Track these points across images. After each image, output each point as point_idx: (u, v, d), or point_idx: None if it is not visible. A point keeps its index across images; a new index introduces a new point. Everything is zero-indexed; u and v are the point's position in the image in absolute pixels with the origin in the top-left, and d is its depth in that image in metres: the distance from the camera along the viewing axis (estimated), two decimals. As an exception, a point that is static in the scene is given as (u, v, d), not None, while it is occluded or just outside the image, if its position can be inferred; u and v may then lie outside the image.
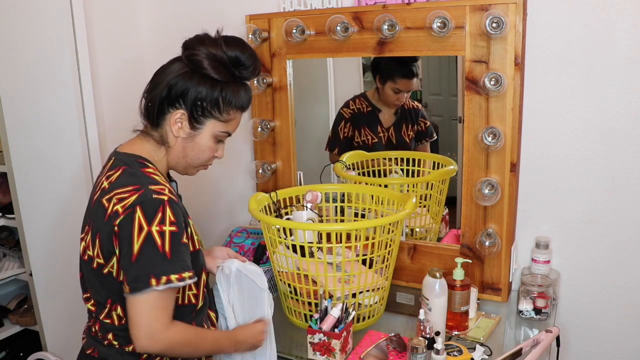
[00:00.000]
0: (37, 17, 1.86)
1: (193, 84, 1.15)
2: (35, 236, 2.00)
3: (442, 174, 1.92)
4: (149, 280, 1.06)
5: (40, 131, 1.94)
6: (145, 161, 1.18)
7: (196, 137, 1.20)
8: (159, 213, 1.07)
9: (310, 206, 1.76)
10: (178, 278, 1.08)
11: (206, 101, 1.16)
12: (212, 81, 1.16)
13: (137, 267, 1.07)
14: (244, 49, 1.18)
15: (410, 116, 2.01)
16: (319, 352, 1.41)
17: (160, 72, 1.20)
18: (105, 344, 1.18)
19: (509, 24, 1.51)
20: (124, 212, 1.07)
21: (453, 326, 1.52)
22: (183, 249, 1.11)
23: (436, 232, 1.95)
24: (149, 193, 1.09)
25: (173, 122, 1.18)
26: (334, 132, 2.06)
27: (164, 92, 1.16)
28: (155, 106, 1.18)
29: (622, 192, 1.62)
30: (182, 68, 1.16)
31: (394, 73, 1.92)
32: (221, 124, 1.21)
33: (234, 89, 1.19)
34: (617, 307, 1.70)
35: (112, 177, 1.14)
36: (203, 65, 1.15)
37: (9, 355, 2.30)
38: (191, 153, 1.22)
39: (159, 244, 1.07)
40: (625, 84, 1.55)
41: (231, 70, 1.18)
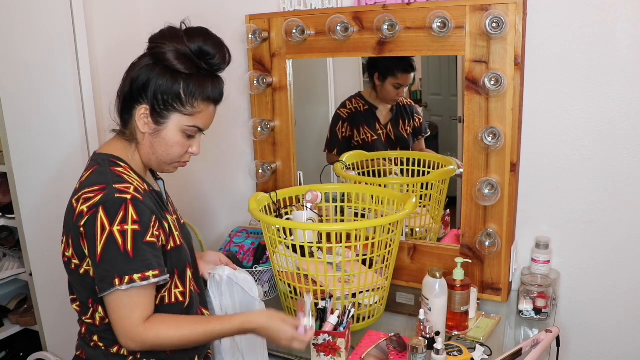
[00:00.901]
0: (37, 16, 1.86)
1: (154, 77, 1.13)
2: (35, 236, 2.00)
3: (442, 174, 1.92)
4: (112, 280, 1.05)
5: (40, 131, 1.94)
6: (117, 160, 1.17)
7: (161, 132, 1.17)
8: (120, 212, 1.06)
9: (310, 206, 1.76)
10: (141, 277, 1.06)
11: (167, 94, 1.13)
12: (173, 73, 1.13)
13: (101, 268, 1.06)
14: (207, 39, 1.15)
15: (405, 112, 2.03)
16: (323, 352, 1.40)
17: (129, 67, 1.18)
18: (91, 345, 1.18)
19: (509, 24, 1.51)
20: (88, 213, 1.07)
21: (453, 326, 1.52)
22: (147, 248, 1.08)
23: (436, 232, 1.95)
24: (112, 192, 1.08)
25: (138, 118, 1.15)
26: (332, 133, 2.07)
27: (127, 87, 1.15)
28: (120, 102, 1.17)
29: (622, 192, 1.62)
30: (147, 62, 1.14)
31: (394, 68, 1.94)
32: (187, 118, 1.16)
33: (199, 80, 1.14)
34: (617, 307, 1.70)
35: (83, 177, 1.15)
36: (166, 57, 1.12)
37: (9, 355, 2.30)
38: (159, 149, 1.18)
39: (120, 243, 1.05)
40: (626, 84, 1.55)
41: (196, 62, 1.14)
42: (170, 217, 1.22)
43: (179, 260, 1.20)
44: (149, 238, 1.09)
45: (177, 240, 1.20)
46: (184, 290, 1.22)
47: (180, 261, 1.21)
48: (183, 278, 1.22)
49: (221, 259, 1.46)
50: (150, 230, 1.09)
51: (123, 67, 2.23)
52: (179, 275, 1.21)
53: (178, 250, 1.20)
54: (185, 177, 1.66)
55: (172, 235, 1.19)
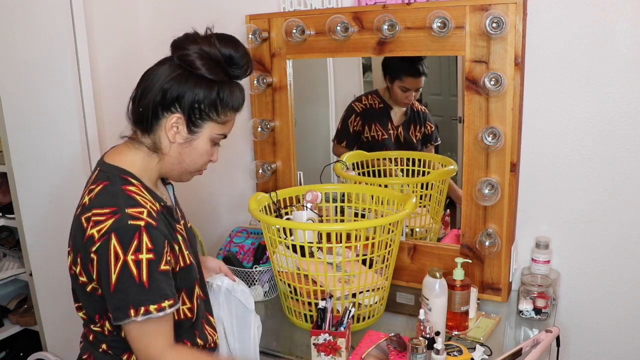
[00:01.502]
0: (37, 16, 1.86)
1: (189, 87, 1.10)
2: (35, 236, 2.00)
3: (442, 174, 1.92)
4: (128, 311, 1.03)
5: (40, 131, 1.94)
6: (130, 176, 1.12)
7: (194, 141, 1.15)
8: (134, 240, 1.02)
9: (310, 206, 1.77)
10: (157, 308, 1.04)
11: (204, 104, 1.11)
12: (209, 82, 1.11)
13: (116, 298, 1.04)
14: (237, 47, 1.14)
15: (418, 118, 2.03)
16: (323, 352, 1.40)
17: (149, 74, 1.14)
18: (100, 351, 1.17)
19: (509, 24, 1.51)
20: (100, 240, 1.03)
21: (453, 326, 1.52)
22: (161, 277, 1.06)
23: (436, 232, 1.96)
24: (125, 218, 1.04)
25: (169, 127, 1.12)
26: (344, 124, 2.06)
27: (158, 97, 1.11)
28: (148, 111, 1.12)
29: (622, 192, 1.62)
30: (174, 70, 1.11)
31: (400, 71, 1.94)
32: (219, 126, 1.16)
33: (230, 89, 1.14)
34: (617, 307, 1.70)
35: (92, 193, 1.09)
36: (196, 65, 1.10)
37: (9, 355, 2.30)
38: (188, 158, 1.17)
39: (135, 274, 1.02)
40: (626, 84, 1.55)
41: (225, 70, 1.13)
42: (180, 230, 1.20)
43: (188, 279, 1.19)
44: (162, 267, 1.06)
45: (186, 260, 1.18)
46: (192, 306, 1.21)
47: (190, 280, 1.20)
48: (191, 295, 1.21)
49: (221, 267, 1.45)
50: (164, 258, 1.07)
51: (123, 67, 2.25)
52: (186, 293, 1.20)
53: (187, 270, 1.18)
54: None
55: (182, 255, 1.17)
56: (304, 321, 1.58)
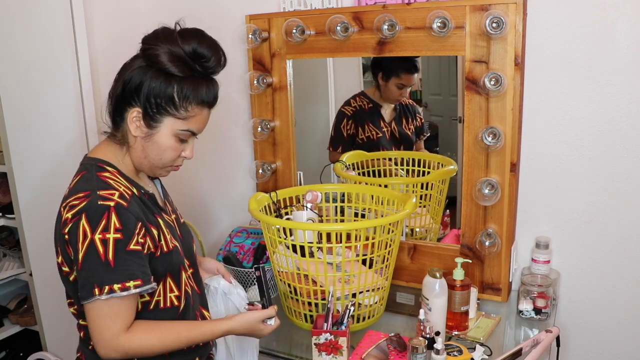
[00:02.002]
0: (37, 16, 1.86)
1: (147, 79, 1.09)
2: (35, 236, 2.00)
3: (442, 174, 1.92)
4: (92, 289, 1.03)
5: (40, 131, 1.94)
6: (105, 164, 1.14)
7: (154, 136, 1.13)
8: (102, 220, 1.03)
9: (310, 206, 1.76)
10: (121, 288, 1.03)
11: (160, 97, 1.09)
12: (167, 75, 1.09)
13: (82, 276, 1.05)
14: (201, 41, 1.11)
15: (408, 111, 2.04)
16: (325, 352, 1.40)
17: (121, 68, 1.15)
18: (90, 348, 1.17)
19: (509, 24, 1.51)
20: (71, 220, 1.05)
21: (453, 326, 1.52)
22: (129, 257, 1.05)
23: (436, 232, 1.96)
24: (95, 199, 1.05)
25: (130, 121, 1.12)
26: (337, 130, 2.07)
27: (119, 89, 1.12)
28: (112, 105, 1.14)
29: (622, 192, 1.62)
30: (139, 63, 1.11)
31: (398, 69, 1.95)
32: (180, 122, 1.13)
33: (193, 83, 1.11)
34: (617, 307, 1.70)
35: (72, 184, 1.12)
36: (159, 59, 1.08)
37: (9, 355, 2.30)
38: (152, 153, 1.15)
39: (101, 252, 1.03)
40: (626, 84, 1.55)
41: (190, 65, 1.10)
42: (166, 218, 1.21)
43: (171, 264, 1.18)
44: (132, 246, 1.06)
45: (169, 244, 1.17)
46: (179, 294, 1.20)
47: (173, 265, 1.19)
48: (177, 281, 1.20)
49: (219, 268, 1.44)
50: (134, 238, 1.06)
51: (123, 67, 2.22)
52: (173, 279, 1.19)
53: (169, 255, 1.17)
54: (185, 177, 1.66)
55: (164, 239, 1.16)
56: (304, 321, 1.58)
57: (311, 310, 1.55)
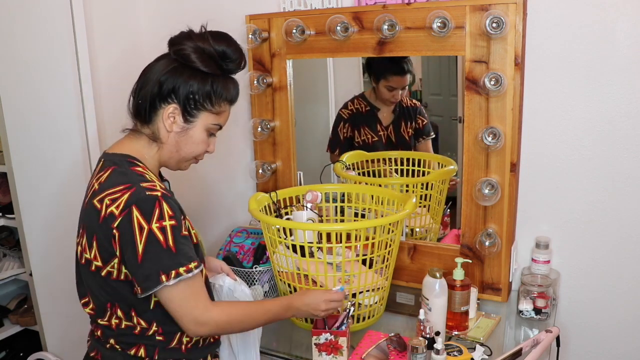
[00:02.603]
0: (37, 16, 1.86)
1: (184, 79, 1.16)
2: (35, 236, 2.00)
3: (442, 174, 1.92)
4: (159, 277, 1.07)
5: (40, 131, 1.94)
6: (135, 160, 1.18)
7: (189, 130, 1.21)
8: (156, 209, 1.07)
9: (310, 206, 1.76)
10: (186, 270, 1.09)
11: (198, 94, 1.17)
12: (203, 74, 1.17)
13: (144, 267, 1.07)
14: (230, 43, 1.20)
15: (408, 113, 2.02)
16: (325, 352, 1.41)
17: (148, 69, 1.20)
18: (107, 347, 1.18)
19: (509, 24, 1.51)
20: (121, 214, 1.07)
21: (453, 326, 1.52)
22: (184, 241, 1.11)
23: (436, 232, 1.95)
24: (142, 191, 1.09)
25: (166, 117, 1.18)
26: (334, 133, 2.07)
27: (155, 89, 1.17)
28: (146, 103, 1.18)
29: (622, 192, 1.62)
30: (171, 64, 1.17)
31: (385, 71, 1.94)
32: (213, 117, 1.22)
33: (223, 82, 1.20)
34: (617, 307, 1.70)
35: (101, 178, 1.14)
36: (191, 59, 1.16)
37: (9, 355, 2.30)
38: (184, 147, 1.22)
39: (162, 240, 1.07)
40: (626, 84, 1.55)
41: (219, 64, 1.19)
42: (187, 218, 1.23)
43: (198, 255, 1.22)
44: (184, 232, 1.12)
45: (194, 238, 1.22)
46: None
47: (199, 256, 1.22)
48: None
49: (222, 267, 1.47)
50: (183, 224, 1.13)
51: (123, 67, 2.25)
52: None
53: (197, 247, 1.22)
54: (185, 177, 1.66)
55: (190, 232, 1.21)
56: (304, 321, 1.58)
57: (311, 310, 1.55)
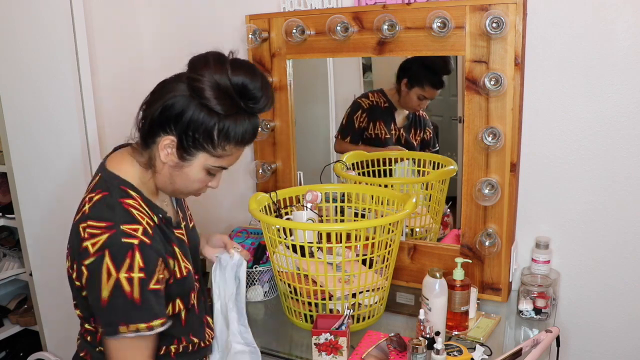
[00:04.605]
0: (37, 17, 1.86)
1: (188, 110, 1.04)
2: (35, 236, 2.00)
3: (442, 174, 1.92)
4: (117, 327, 1.02)
5: (40, 131, 1.94)
6: (129, 188, 1.10)
7: (184, 167, 1.10)
8: (127, 259, 1.01)
9: (310, 206, 1.76)
10: (147, 327, 1.04)
11: (198, 132, 1.05)
12: (209, 111, 1.04)
13: (107, 313, 1.03)
14: (254, 77, 1.05)
15: (419, 122, 2.03)
16: (324, 352, 1.41)
17: (161, 87, 1.09)
18: (97, 350, 1.17)
19: (509, 24, 1.51)
20: (94, 255, 1.02)
21: (453, 326, 1.52)
22: (152, 296, 1.05)
23: (436, 232, 1.96)
24: (119, 235, 1.02)
25: (162, 147, 1.08)
26: (349, 120, 2.05)
27: (157, 113, 1.06)
28: (146, 126, 1.09)
29: (622, 192, 1.62)
30: (182, 89, 1.05)
31: (424, 80, 1.93)
32: (214, 159, 1.10)
33: (235, 122, 1.06)
34: (617, 307, 1.70)
35: (92, 202, 1.07)
36: (204, 95, 1.03)
37: (9, 355, 2.30)
38: (178, 181, 1.13)
39: (128, 291, 1.01)
40: (625, 84, 1.55)
41: (235, 102, 1.05)
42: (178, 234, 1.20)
43: (183, 289, 1.19)
44: (152, 285, 1.05)
45: (182, 271, 1.17)
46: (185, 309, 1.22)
47: (185, 290, 1.19)
48: (187, 301, 1.21)
49: (224, 240, 1.43)
50: (155, 276, 1.06)
51: (123, 67, 2.24)
52: (182, 300, 1.20)
53: (182, 281, 1.17)
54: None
55: (179, 267, 1.16)
56: (304, 321, 1.58)
57: (311, 310, 1.55)
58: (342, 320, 1.43)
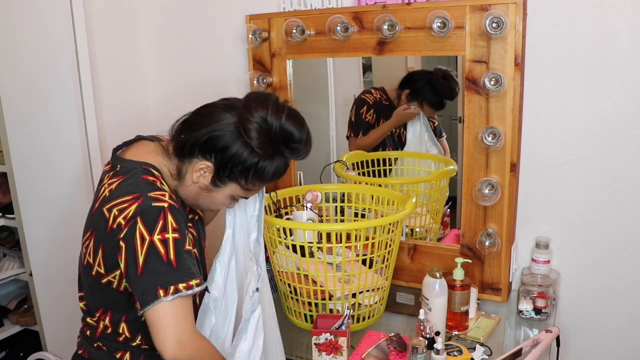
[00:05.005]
0: (37, 17, 1.86)
1: (234, 146, 1.10)
2: (35, 236, 2.00)
3: (442, 174, 1.92)
4: (156, 292, 1.01)
5: (40, 131, 1.94)
6: (152, 168, 1.14)
7: (212, 192, 1.17)
8: (160, 220, 1.03)
9: (310, 206, 1.77)
10: (186, 287, 1.03)
11: (237, 167, 1.12)
12: (252, 150, 1.11)
13: (143, 281, 1.02)
14: (302, 129, 1.13)
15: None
16: (325, 352, 1.41)
17: (209, 112, 1.14)
18: (94, 346, 1.18)
19: (509, 24, 1.51)
20: (127, 225, 1.04)
21: (453, 326, 1.52)
22: (187, 256, 1.06)
23: (436, 232, 1.96)
24: (149, 201, 1.05)
25: (196, 169, 1.14)
26: (357, 116, 2.04)
27: (203, 139, 1.11)
28: (188, 145, 1.13)
29: (622, 192, 1.62)
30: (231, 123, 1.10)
31: (425, 100, 1.93)
32: (242, 190, 1.18)
33: (272, 164, 1.14)
34: (617, 307, 1.70)
35: (112, 185, 1.10)
36: (250, 135, 1.09)
37: (9, 355, 2.30)
38: (203, 201, 1.20)
39: (163, 252, 1.02)
40: (625, 84, 1.55)
41: (277, 146, 1.12)
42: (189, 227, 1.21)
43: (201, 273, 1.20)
44: (187, 246, 1.07)
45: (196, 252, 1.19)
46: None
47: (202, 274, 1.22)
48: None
49: None
50: (187, 238, 1.08)
51: (123, 67, 2.24)
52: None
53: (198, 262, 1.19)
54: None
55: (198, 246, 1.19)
56: (304, 321, 1.58)
57: (311, 310, 1.56)
58: (342, 320, 1.43)
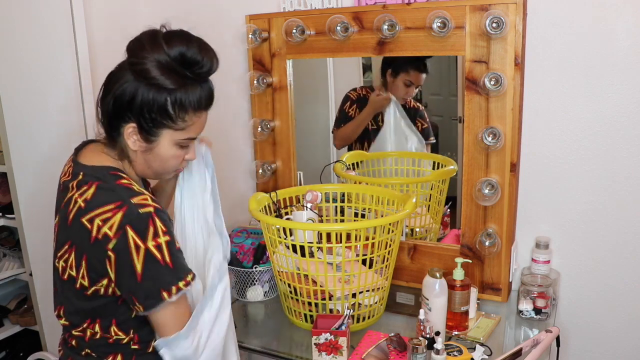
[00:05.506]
0: (37, 17, 1.87)
1: (138, 94, 1.05)
2: (35, 236, 2.00)
3: (442, 174, 1.92)
4: (160, 295, 1.05)
5: (40, 131, 1.94)
6: (117, 172, 1.11)
7: (154, 148, 1.11)
8: (150, 227, 1.03)
9: (310, 206, 1.77)
10: (185, 284, 1.07)
11: (153, 111, 1.06)
12: (158, 88, 1.05)
13: (145, 286, 1.05)
14: (189, 44, 1.05)
15: (409, 115, 2.02)
16: (325, 352, 1.41)
17: (109, 79, 1.11)
18: (82, 354, 1.16)
19: (509, 24, 1.51)
20: (115, 235, 1.02)
21: (453, 326, 1.52)
22: (179, 254, 1.09)
23: (436, 232, 1.95)
24: (134, 209, 1.03)
25: (127, 136, 1.09)
26: (341, 111, 2.06)
27: (110, 105, 1.08)
28: (106, 120, 1.11)
29: (622, 192, 1.62)
30: (128, 76, 1.06)
31: (407, 65, 1.94)
32: (179, 132, 1.10)
33: (187, 91, 1.07)
34: (617, 307, 1.70)
35: (86, 194, 1.06)
36: (150, 74, 1.04)
37: (9, 355, 2.30)
38: (154, 164, 1.14)
39: (159, 257, 1.04)
40: (625, 84, 1.55)
41: (182, 73, 1.06)
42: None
43: None
44: (176, 244, 1.09)
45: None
46: None
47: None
48: None
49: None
50: (175, 237, 1.10)
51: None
52: None
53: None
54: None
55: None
56: (304, 321, 1.58)
57: (311, 310, 1.55)
58: (342, 320, 1.43)
